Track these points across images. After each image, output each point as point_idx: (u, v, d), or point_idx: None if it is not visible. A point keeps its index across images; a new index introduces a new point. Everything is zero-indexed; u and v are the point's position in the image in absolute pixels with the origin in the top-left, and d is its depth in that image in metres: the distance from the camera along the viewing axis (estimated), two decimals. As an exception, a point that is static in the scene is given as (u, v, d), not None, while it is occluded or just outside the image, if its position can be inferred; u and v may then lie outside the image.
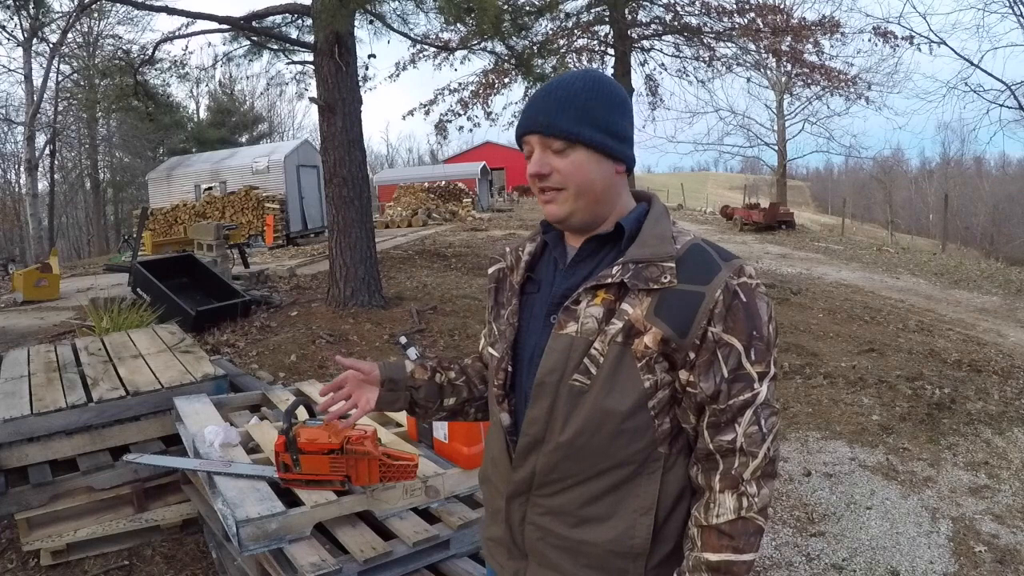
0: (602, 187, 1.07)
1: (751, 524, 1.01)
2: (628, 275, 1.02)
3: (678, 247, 1.05)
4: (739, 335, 1.00)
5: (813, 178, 60.88)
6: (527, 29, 8.71)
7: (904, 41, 13.44)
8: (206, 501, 2.51)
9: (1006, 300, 9.84)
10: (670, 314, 1.00)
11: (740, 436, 1.01)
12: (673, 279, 1.01)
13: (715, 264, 1.03)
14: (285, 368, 5.08)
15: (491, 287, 1.26)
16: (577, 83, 1.06)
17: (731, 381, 1.00)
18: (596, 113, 1.05)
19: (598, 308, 1.04)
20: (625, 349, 1.02)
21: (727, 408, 1.01)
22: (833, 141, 27.27)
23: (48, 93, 18.86)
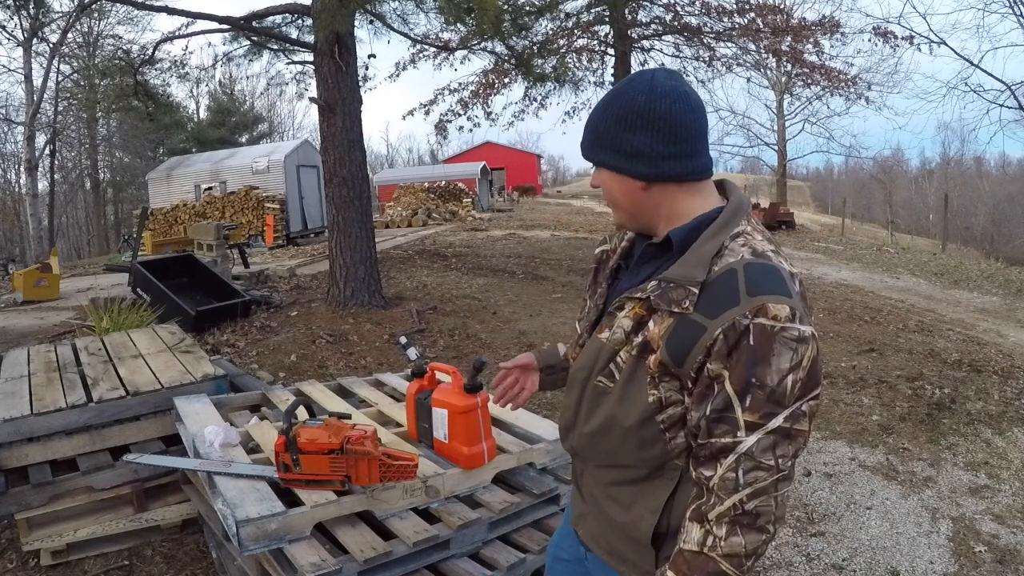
0: (628, 202, 1.13)
1: (710, 563, 1.00)
2: (656, 294, 1.05)
3: (715, 269, 1.01)
4: (735, 378, 0.96)
5: (813, 178, 60.87)
6: (527, 29, 8.71)
7: (904, 41, 13.45)
8: (206, 501, 2.51)
9: (1006, 300, 9.84)
10: (674, 341, 1.02)
11: (716, 477, 1.00)
12: (691, 306, 1.00)
13: (734, 297, 0.98)
14: (285, 368, 5.08)
15: (593, 267, 1.32)
16: (601, 103, 1.12)
17: (713, 420, 0.99)
18: (608, 132, 1.09)
19: (628, 321, 1.09)
20: (640, 362, 1.07)
21: (707, 445, 1.01)
22: (833, 141, 27.35)
23: (48, 93, 18.87)
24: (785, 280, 1.02)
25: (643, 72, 1.11)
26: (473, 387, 2.16)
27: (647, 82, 1.08)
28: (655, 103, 1.06)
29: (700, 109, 1.10)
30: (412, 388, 2.40)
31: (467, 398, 2.16)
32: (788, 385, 0.96)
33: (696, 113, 1.09)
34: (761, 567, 2.86)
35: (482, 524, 2.20)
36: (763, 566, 2.87)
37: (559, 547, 1.44)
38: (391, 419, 2.79)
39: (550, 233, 16.42)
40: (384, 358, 5.39)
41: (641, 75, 1.11)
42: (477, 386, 2.16)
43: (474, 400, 2.17)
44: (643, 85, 1.07)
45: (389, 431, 2.58)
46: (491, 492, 2.34)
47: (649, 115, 1.06)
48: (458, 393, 2.19)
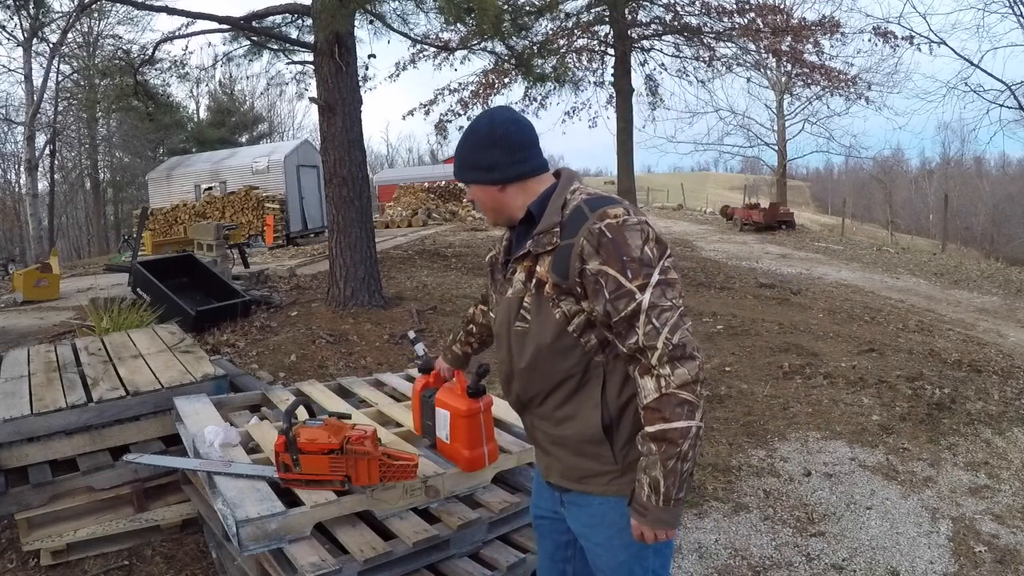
0: (493, 203, 1.51)
1: (674, 398, 1.27)
2: (533, 245, 1.41)
3: (566, 212, 1.39)
4: (612, 263, 1.30)
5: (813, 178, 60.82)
6: (527, 29, 8.71)
7: (904, 41, 13.46)
8: (206, 501, 2.50)
9: (1006, 300, 9.85)
10: (557, 265, 1.36)
11: (640, 336, 1.29)
12: (558, 239, 1.37)
13: (583, 217, 1.35)
14: (285, 368, 5.08)
15: (488, 270, 1.66)
16: (461, 138, 1.50)
17: (615, 299, 1.30)
18: (469, 155, 1.49)
19: (522, 274, 1.45)
20: (539, 295, 1.41)
21: (620, 320, 1.30)
22: (833, 141, 27.23)
23: (48, 93, 18.86)
24: (614, 198, 1.40)
25: (490, 111, 1.51)
26: (476, 391, 2.12)
27: (487, 116, 1.48)
28: (495, 129, 1.45)
29: (528, 127, 1.48)
30: (418, 384, 2.36)
31: (470, 402, 2.13)
32: (648, 252, 1.32)
33: (525, 131, 1.47)
34: (761, 567, 2.86)
35: (482, 524, 2.20)
36: (763, 566, 2.87)
37: (537, 506, 1.69)
38: (391, 419, 2.78)
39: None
40: (384, 358, 5.39)
41: (491, 113, 1.50)
42: (480, 390, 2.13)
43: (477, 405, 2.14)
44: (484, 118, 1.47)
45: (389, 431, 2.58)
46: (491, 492, 2.35)
47: (491, 138, 1.45)
48: (461, 396, 2.14)
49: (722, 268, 11.71)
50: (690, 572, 2.82)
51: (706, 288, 9.24)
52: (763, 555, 2.94)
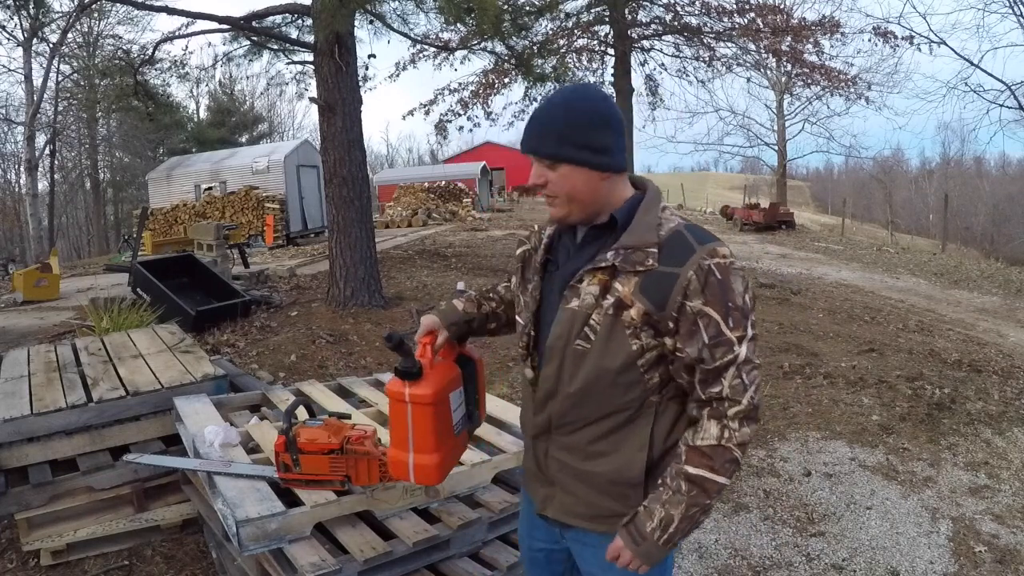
0: (588, 193, 1.29)
1: (728, 453, 1.22)
2: (619, 259, 1.24)
3: (663, 233, 1.25)
4: (716, 307, 1.19)
5: (813, 178, 60.84)
6: (527, 29, 8.71)
7: (904, 41, 13.45)
8: (206, 501, 2.50)
9: (1006, 300, 9.85)
10: (650, 292, 1.21)
11: (726, 388, 1.21)
12: (655, 262, 1.22)
13: (690, 248, 1.22)
14: (285, 368, 5.08)
15: (518, 266, 1.50)
16: (557, 109, 1.27)
17: (712, 346, 1.20)
18: (576, 132, 1.25)
19: (595, 287, 1.26)
20: (616, 319, 1.24)
21: (713, 368, 1.21)
22: (833, 141, 27.32)
23: (48, 93, 18.86)
24: (715, 235, 1.29)
25: (586, 84, 1.40)
26: (405, 371, 1.42)
27: (599, 91, 1.32)
28: (611, 108, 1.29)
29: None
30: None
31: (395, 383, 1.44)
32: (748, 301, 1.24)
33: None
34: (761, 567, 2.86)
35: (482, 524, 2.20)
36: (763, 566, 2.87)
37: (532, 537, 1.57)
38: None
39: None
40: (384, 358, 5.39)
41: (587, 86, 1.36)
42: (409, 370, 1.41)
43: (401, 389, 1.42)
44: (598, 94, 1.30)
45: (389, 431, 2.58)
46: (491, 492, 2.34)
47: (608, 117, 1.27)
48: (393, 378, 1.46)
49: (722, 268, 11.66)
50: (690, 572, 2.82)
51: (706, 288, 9.20)
52: (763, 555, 2.94)
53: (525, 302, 1.43)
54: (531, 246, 1.48)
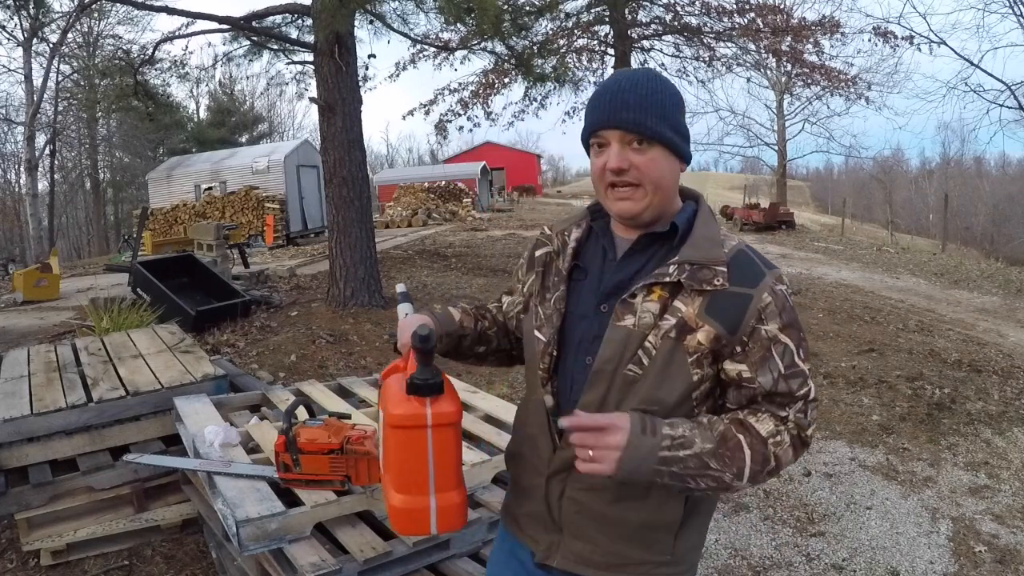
0: (671, 184, 1.15)
1: (768, 452, 1.08)
2: (684, 275, 1.09)
3: (726, 251, 1.12)
4: (791, 335, 1.10)
5: (813, 178, 60.83)
6: (527, 29, 8.71)
7: (904, 41, 13.46)
8: (206, 501, 2.50)
9: (1006, 300, 9.84)
10: (721, 313, 1.08)
11: (791, 416, 1.11)
12: (725, 282, 1.09)
13: (760, 270, 1.12)
14: (285, 368, 5.08)
15: (539, 271, 1.28)
16: (652, 82, 1.12)
17: (788, 377, 1.09)
18: (671, 112, 1.12)
19: (655, 304, 1.10)
20: (677, 344, 1.09)
21: (785, 396, 1.10)
22: (833, 141, 27.33)
23: (48, 93, 18.86)
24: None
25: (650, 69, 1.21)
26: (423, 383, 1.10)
27: (663, 76, 1.18)
28: (681, 96, 1.17)
29: None
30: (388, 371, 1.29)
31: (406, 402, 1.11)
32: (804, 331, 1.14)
33: None
34: (761, 567, 2.86)
35: (482, 524, 2.20)
36: (763, 566, 2.87)
37: None
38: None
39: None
40: (384, 358, 5.39)
41: (653, 70, 1.21)
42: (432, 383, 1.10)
43: (419, 409, 1.09)
44: (666, 79, 1.16)
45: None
46: (491, 492, 2.34)
47: (684, 103, 1.16)
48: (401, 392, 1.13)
49: (722, 268, 11.67)
50: (690, 572, 2.82)
51: (706, 288, 9.21)
52: (763, 555, 2.94)
53: (546, 315, 1.21)
54: (554, 248, 1.27)
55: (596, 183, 1.16)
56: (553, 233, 1.29)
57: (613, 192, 1.12)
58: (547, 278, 1.26)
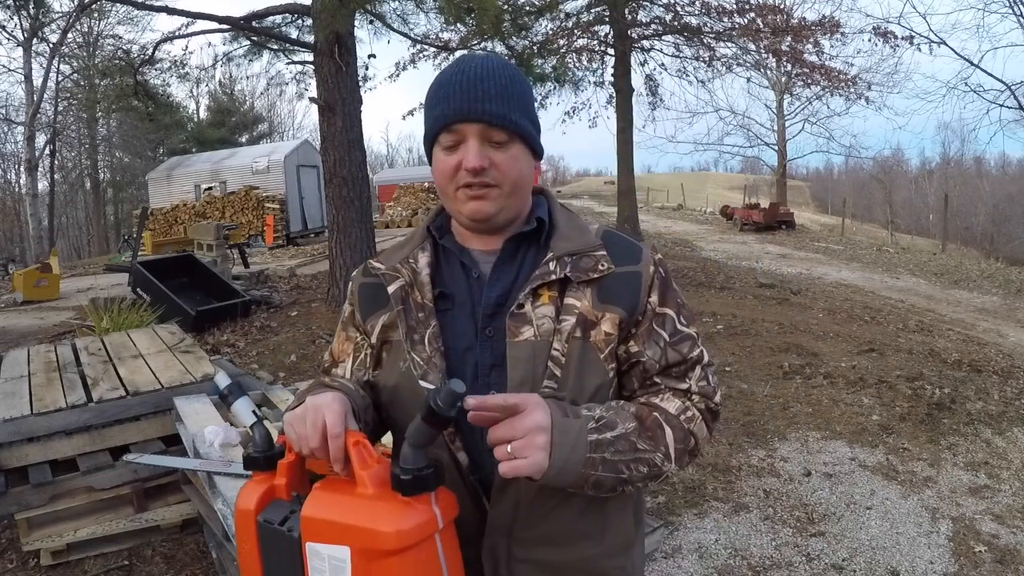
0: (529, 184, 1.03)
1: (684, 431, 0.97)
2: (568, 269, 0.98)
3: (594, 235, 1.04)
4: (671, 304, 1.03)
5: (813, 178, 60.81)
6: (527, 29, 8.72)
7: (904, 41, 13.45)
8: (206, 501, 2.51)
9: (1006, 300, 9.85)
10: (617, 297, 0.99)
11: (693, 385, 1.02)
12: (610, 265, 0.99)
13: (635, 245, 1.05)
14: (285, 368, 5.08)
15: (399, 309, 1.01)
16: (508, 70, 0.98)
17: (675, 344, 1.01)
18: (530, 105, 1.01)
19: (548, 307, 0.97)
20: (585, 343, 0.97)
21: (678, 365, 1.01)
22: (833, 141, 27.34)
23: (48, 93, 18.88)
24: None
25: (490, 54, 1.06)
26: (427, 475, 0.82)
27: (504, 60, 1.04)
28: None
29: None
30: (248, 495, 0.90)
31: (407, 511, 0.79)
32: (684, 299, 1.08)
33: None
34: (761, 567, 2.86)
35: None
36: (763, 566, 2.87)
37: None
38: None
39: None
40: (384, 358, 5.39)
41: (499, 56, 1.07)
42: (435, 474, 0.83)
43: (426, 513, 0.80)
44: (515, 66, 1.04)
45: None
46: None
47: (531, 91, 1.03)
48: (382, 499, 0.81)
49: (722, 268, 11.71)
50: (690, 572, 2.82)
51: (706, 288, 9.24)
52: (763, 555, 2.94)
53: (425, 358, 0.97)
54: (406, 281, 1.03)
55: (444, 185, 0.99)
56: (395, 264, 1.05)
57: (469, 192, 0.97)
58: (411, 316, 1.01)
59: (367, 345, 1.08)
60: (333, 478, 0.85)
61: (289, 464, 0.90)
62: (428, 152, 1.03)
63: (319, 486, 0.84)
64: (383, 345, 1.05)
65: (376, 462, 0.83)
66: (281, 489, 0.89)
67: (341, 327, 1.14)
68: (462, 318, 1.01)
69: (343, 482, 0.83)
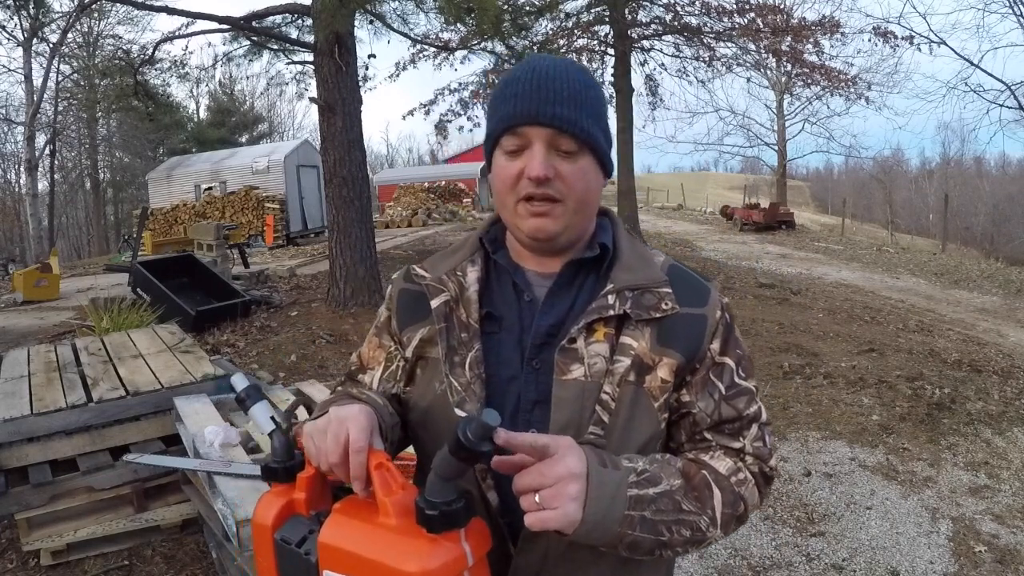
0: (595, 202, 0.94)
1: (735, 495, 0.87)
2: (628, 304, 0.88)
3: (660, 268, 0.95)
4: (731, 354, 0.94)
5: (813, 178, 60.82)
6: (527, 29, 8.73)
7: (904, 41, 13.45)
8: (206, 501, 2.51)
9: (1006, 300, 9.85)
10: (678, 341, 0.89)
11: (747, 445, 0.92)
12: (675, 304, 0.90)
13: (703, 285, 0.96)
14: (285, 368, 5.08)
15: (441, 327, 0.92)
16: (582, 74, 0.90)
17: (730, 398, 0.92)
18: (604, 114, 0.92)
19: (602, 345, 0.88)
20: (639, 389, 0.87)
21: (734, 421, 0.92)
22: (833, 141, 27.34)
23: (48, 93, 18.88)
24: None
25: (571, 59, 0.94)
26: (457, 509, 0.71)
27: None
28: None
29: None
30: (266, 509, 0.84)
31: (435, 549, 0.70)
32: (748, 350, 0.98)
33: None
34: (761, 567, 2.86)
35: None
36: (763, 566, 2.87)
37: None
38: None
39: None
40: (384, 358, 5.39)
41: (574, 60, 0.94)
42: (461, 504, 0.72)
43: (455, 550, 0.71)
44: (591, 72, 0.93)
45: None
46: (491, 492, 2.34)
47: (605, 100, 0.94)
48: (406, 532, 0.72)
49: (722, 268, 11.71)
50: (690, 572, 2.82)
51: (706, 288, 9.22)
52: (763, 555, 2.94)
53: (463, 384, 0.89)
54: (452, 296, 0.94)
55: (503, 195, 0.90)
56: (441, 275, 0.97)
57: (531, 206, 0.88)
58: (452, 335, 0.93)
59: (400, 357, 1.00)
60: (354, 499, 0.78)
61: (309, 478, 0.84)
62: (488, 157, 0.95)
63: (339, 508, 0.78)
64: (418, 361, 0.96)
65: (401, 488, 0.75)
66: (300, 504, 0.83)
67: (375, 331, 1.07)
68: (508, 344, 0.92)
69: (365, 505, 0.76)
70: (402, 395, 0.99)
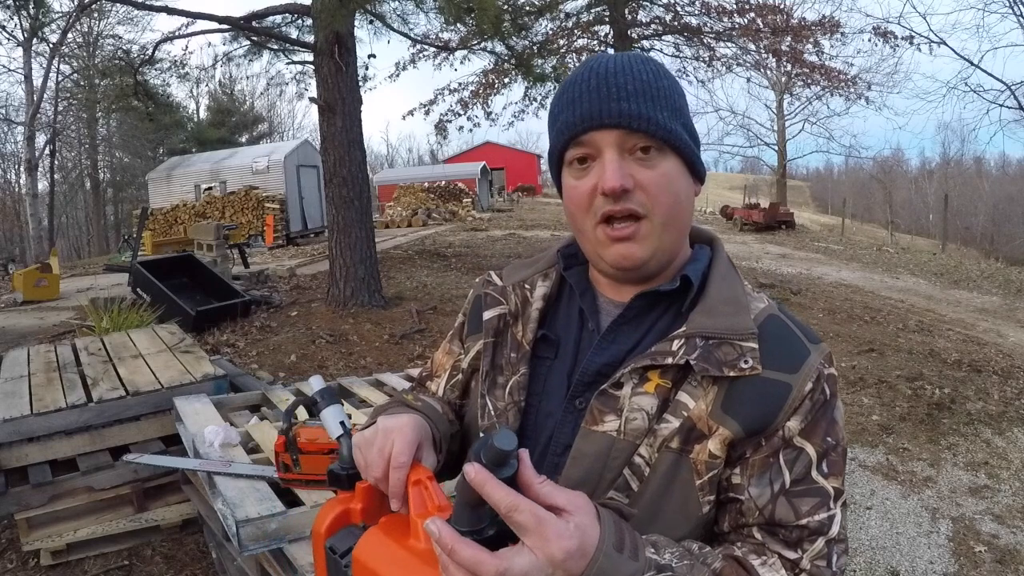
0: (687, 215, 0.78)
1: None
2: (695, 355, 0.72)
3: (753, 317, 0.77)
4: (816, 440, 0.73)
5: (813, 178, 60.85)
6: (527, 29, 8.74)
7: (904, 41, 13.46)
8: (206, 501, 2.51)
9: (1006, 300, 9.85)
10: (744, 408, 0.72)
11: (805, 561, 0.71)
12: (756, 364, 0.72)
13: (803, 346, 0.76)
14: (285, 368, 5.08)
15: (490, 341, 0.85)
16: (652, 65, 0.77)
17: (796, 495, 0.72)
18: (684, 108, 0.77)
19: (650, 398, 0.73)
20: (681, 459, 0.72)
21: (790, 531, 0.72)
22: (833, 141, 27.45)
23: (48, 93, 18.87)
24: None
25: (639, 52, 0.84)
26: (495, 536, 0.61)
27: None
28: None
29: None
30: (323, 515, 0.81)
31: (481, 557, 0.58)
32: (845, 439, 0.77)
33: None
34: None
35: (482, 524, 2.20)
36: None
37: None
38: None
39: (550, 233, 16.42)
40: (384, 358, 5.39)
41: (643, 54, 0.82)
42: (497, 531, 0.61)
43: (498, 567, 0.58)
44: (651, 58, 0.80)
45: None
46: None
47: (682, 92, 0.80)
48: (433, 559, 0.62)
49: (722, 268, 11.69)
50: (690, 572, 2.82)
51: (706, 288, 9.23)
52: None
53: (499, 409, 0.82)
54: (510, 309, 0.85)
55: (579, 219, 0.77)
56: (507, 285, 0.87)
57: (611, 230, 0.74)
58: (499, 353, 0.84)
59: (461, 366, 0.92)
60: (398, 515, 0.73)
61: (365, 488, 0.78)
62: (556, 179, 0.81)
63: (382, 523, 0.73)
64: (473, 373, 0.88)
65: (436, 509, 0.68)
66: (356, 514, 0.80)
67: (449, 337, 0.97)
68: (558, 374, 0.81)
69: (404, 523, 0.70)
70: (461, 408, 0.92)
